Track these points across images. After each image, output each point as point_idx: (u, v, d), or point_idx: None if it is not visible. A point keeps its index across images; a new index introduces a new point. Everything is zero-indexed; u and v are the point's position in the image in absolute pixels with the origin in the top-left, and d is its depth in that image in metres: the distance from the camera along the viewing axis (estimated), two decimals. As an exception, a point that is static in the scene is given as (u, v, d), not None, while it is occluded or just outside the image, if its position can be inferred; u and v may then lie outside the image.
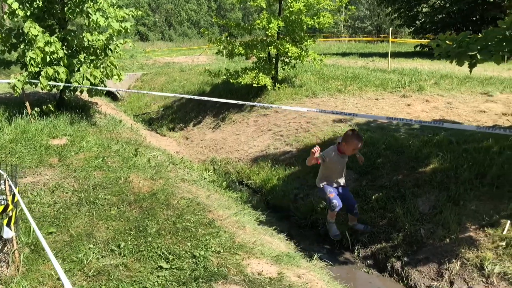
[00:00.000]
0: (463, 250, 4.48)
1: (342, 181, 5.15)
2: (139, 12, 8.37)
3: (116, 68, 7.77)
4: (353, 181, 6.35)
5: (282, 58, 11.25)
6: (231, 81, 10.73)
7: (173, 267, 3.20)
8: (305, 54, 10.67)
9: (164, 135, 12.09)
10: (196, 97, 8.53)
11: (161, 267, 3.19)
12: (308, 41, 10.91)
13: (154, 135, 12.01)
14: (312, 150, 4.67)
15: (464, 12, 20.84)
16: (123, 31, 7.74)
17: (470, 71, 4.90)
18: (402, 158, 6.31)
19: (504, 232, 4.40)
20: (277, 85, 10.90)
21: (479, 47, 4.64)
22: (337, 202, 4.88)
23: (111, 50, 8.04)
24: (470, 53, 4.60)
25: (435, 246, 4.79)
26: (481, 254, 4.35)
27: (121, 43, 8.20)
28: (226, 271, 3.20)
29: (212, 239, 3.71)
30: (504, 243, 4.32)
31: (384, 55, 19.73)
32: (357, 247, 5.37)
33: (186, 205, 4.51)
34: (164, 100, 15.02)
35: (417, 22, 23.85)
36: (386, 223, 5.41)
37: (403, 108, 8.60)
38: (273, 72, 11.12)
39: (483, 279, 4.18)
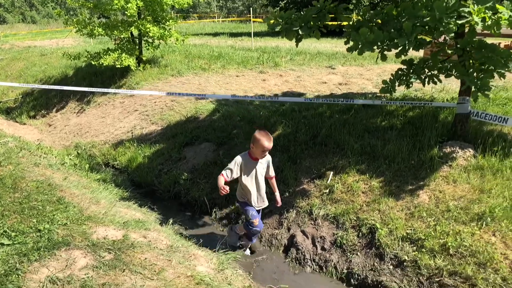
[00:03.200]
0: (298, 201, 5.25)
1: (264, 199, 4.60)
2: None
3: None
4: (212, 152, 6.84)
5: (146, 38, 11.24)
6: (93, 63, 10.45)
7: (15, 242, 3.28)
8: (168, 34, 10.83)
9: (24, 124, 11.35)
10: (50, 87, 8.19)
11: (2, 244, 3.25)
12: (170, 21, 11.06)
13: (12, 124, 11.20)
14: (222, 191, 4.05)
15: (321, -7, 22.79)
16: None
17: (297, 45, 5.60)
18: (254, 127, 6.95)
19: (328, 182, 5.26)
20: (142, 65, 10.90)
21: (302, 24, 5.35)
22: (259, 229, 4.51)
23: None
24: (294, 29, 5.28)
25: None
26: (311, 201, 5.15)
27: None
28: (71, 239, 3.39)
29: (59, 213, 3.84)
30: (327, 191, 5.18)
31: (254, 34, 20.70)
32: (214, 210, 5.89)
33: (36, 186, 4.52)
34: (23, 86, 13.92)
35: (281, 2, 25.33)
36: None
37: (259, 83, 9.35)
38: (137, 53, 11.08)
39: (312, 222, 4.98)
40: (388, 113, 6.34)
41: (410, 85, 5.17)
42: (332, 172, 5.36)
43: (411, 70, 5.04)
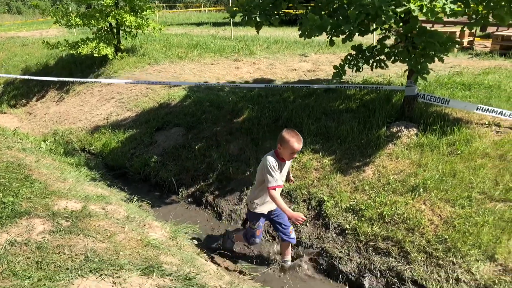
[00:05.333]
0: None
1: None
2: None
3: None
4: (181, 136, 7.16)
5: (124, 28, 11.45)
6: (72, 52, 10.67)
7: (-20, 214, 3.60)
8: (146, 24, 11.06)
9: (5, 113, 11.54)
10: (25, 77, 8.42)
11: (-32, 215, 3.56)
12: (148, 10, 11.27)
13: (-8, 113, 11.41)
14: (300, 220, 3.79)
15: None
16: None
17: (257, 32, 5.89)
18: (222, 112, 7.29)
19: (285, 160, 5.61)
20: (120, 54, 11.13)
21: (261, 12, 5.64)
22: (258, 242, 4.43)
23: None
24: (253, 16, 5.58)
25: (238, 179, 5.86)
26: (268, 179, 5.50)
27: None
28: (33, 210, 3.70)
29: (24, 188, 4.14)
30: (283, 168, 5.54)
31: (236, 23, 20.85)
32: (181, 189, 6.23)
33: (5, 166, 4.80)
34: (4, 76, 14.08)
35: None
36: (205, 166, 6.33)
37: (232, 71, 9.65)
38: (115, 42, 11.30)
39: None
40: (346, 97, 6.69)
41: (360, 70, 5.51)
42: (289, 152, 5.70)
43: (360, 55, 5.38)
